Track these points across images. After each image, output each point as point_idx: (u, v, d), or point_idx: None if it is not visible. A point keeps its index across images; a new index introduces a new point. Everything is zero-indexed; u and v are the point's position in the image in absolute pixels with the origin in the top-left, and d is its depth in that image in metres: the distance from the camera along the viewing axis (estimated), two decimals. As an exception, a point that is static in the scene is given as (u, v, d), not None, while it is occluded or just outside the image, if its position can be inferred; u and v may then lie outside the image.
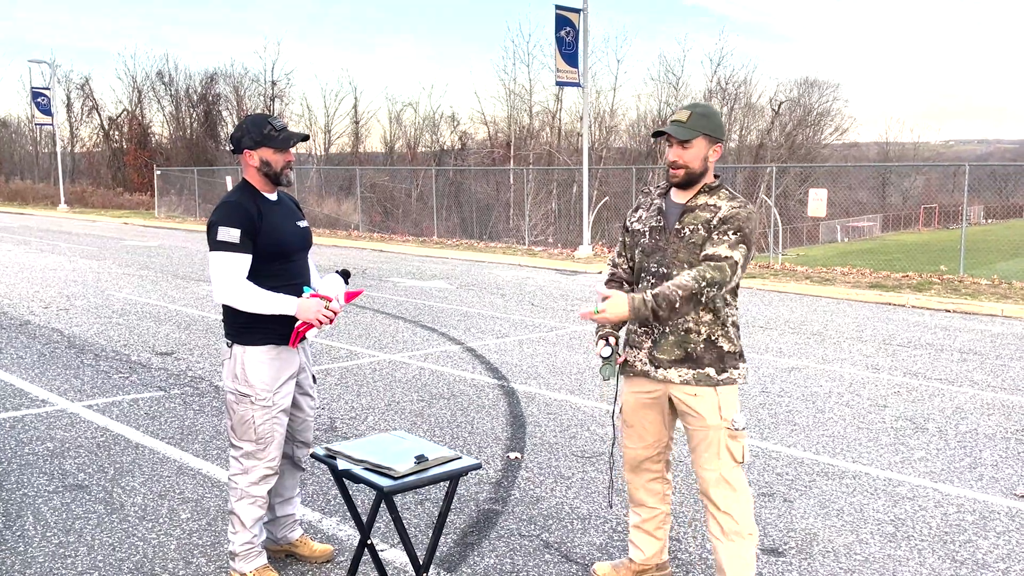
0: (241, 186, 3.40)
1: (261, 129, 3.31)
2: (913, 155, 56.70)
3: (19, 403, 6.16)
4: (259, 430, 3.34)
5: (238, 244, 3.23)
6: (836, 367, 7.66)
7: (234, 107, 48.67)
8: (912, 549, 3.94)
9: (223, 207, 3.30)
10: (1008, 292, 12.18)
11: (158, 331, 8.97)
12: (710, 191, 3.17)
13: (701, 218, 3.11)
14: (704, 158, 3.13)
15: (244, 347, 3.33)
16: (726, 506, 3.17)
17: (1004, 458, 5.21)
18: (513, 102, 41.08)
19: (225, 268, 3.24)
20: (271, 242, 3.31)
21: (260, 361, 3.33)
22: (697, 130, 3.10)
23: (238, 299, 3.25)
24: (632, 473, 3.44)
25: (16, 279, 13.12)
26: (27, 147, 55.20)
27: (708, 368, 3.14)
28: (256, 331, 3.32)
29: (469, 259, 17.79)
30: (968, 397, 6.66)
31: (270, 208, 3.37)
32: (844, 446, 5.39)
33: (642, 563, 3.50)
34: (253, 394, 3.33)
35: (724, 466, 3.16)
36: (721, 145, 3.16)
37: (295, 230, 3.45)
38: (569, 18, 17.34)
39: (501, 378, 7.08)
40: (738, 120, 46.64)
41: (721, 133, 3.15)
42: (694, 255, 3.10)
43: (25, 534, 3.95)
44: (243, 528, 3.41)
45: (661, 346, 3.17)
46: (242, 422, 3.36)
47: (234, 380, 3.35)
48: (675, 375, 3.16)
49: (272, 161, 3.33)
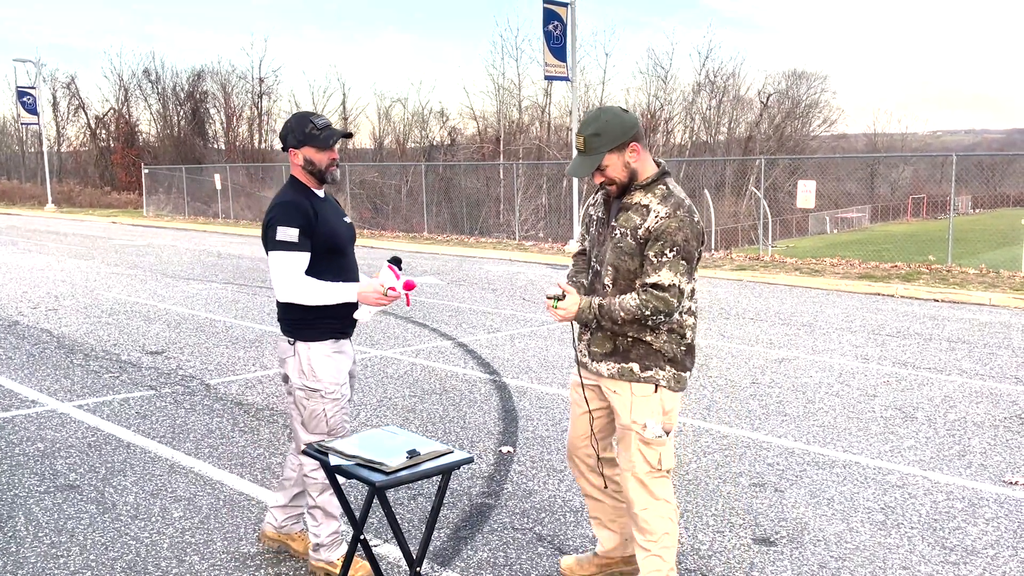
0: (292, 184, 3.44)
1: (303, 128, 3.34)
2: (901, 146, 56.94)
3: (9, 404, 6.13)
4: (331, 422, 3.44)
5: (297, 243, 3.28)
6: (826, 357, 7.70)
7: (221, 104, 48.47)
8: (902, 536, 3.97)
9: (279, 207, 3.33)
10: (996, 281, 12.26)
11: (148, 330, 8.94)
12: (645, 188, 3.07)
13: (632, 222, 3.03)
14: (624, 165, 3.03)
15: (308, 344, 3.39)
16: (639, 507, 3.15)
17: (992, 445, 5.25)
18: (502, 97, 41.10)
19: (286, 267, 3.30)
20: (327, 238, 3.37)
21: (325, 355, 3.41)
22: (598, 152, 3.00)
23: (302, 295, 3.31)
24: (569, 460, 3.46)
25: (4, 280, 13.04)
26: (13, 147, 54.81)
27: (632, 363, 3.11)
28: (318, 327, 3.39)
29: (460, 254, 17.78)
30: (957, 386, 6.71)
31: (321, 205, 3.42)
32: (834, 436, 5.42)
33: (605, 555, 3.49)
34: (323, 388, 3.40)
35: (638, 467, 3.13)
36: (634, 143, 3.01)
37: (345, 225, 3.52)
38: (557, 12, 17.32)
39: (493, 373, 7.09)
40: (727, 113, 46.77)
41: (625, 135, 2.99)
42: (620, 260, 3.05)
43: (17, 535, 3.94)
44: (328, 519, 3.50)
45: (595, 338, 3.19)
46: (313, 416, 3.43)
47: (301, 376, 3.41)
48: (604, 368, 3.17)
49: (316, 160, 3.37)
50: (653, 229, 2.98)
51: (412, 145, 45.03)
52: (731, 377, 6.96)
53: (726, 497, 4.42)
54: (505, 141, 39.29)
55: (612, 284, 3.10)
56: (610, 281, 3.10)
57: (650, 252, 2.99)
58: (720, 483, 4.61)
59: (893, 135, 59.54)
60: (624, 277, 3.07)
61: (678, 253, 2.97)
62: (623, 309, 2.98)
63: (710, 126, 46.35)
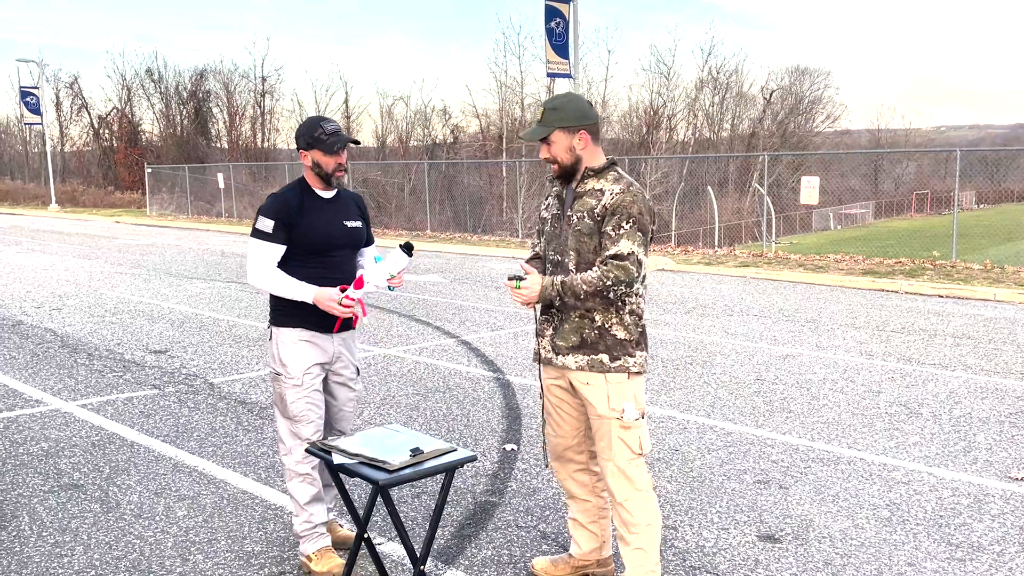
0: (297, 180, 3.61)
1: (312, 132, 3.50)
2: (904, 142, 56.80)
3: (13, 403, 6.14)
4: (291, 408, 3.52)
5: (270, 234, 3.46)
6: (830, 354, 7.68)
7: (224, 104, 48.52)
8: (908, 533, 3.95)
9: (269, 198, 3.54)
10: (1000, 276, 12.22)
11: (151, 329, 8.94)
12: (596, 174, 3.16)
13: (587, 205, 3.11)
14: (569, 148, 3.13)
15: (280, 329, 3.55)
16: (622, 497, 3.16)
17: (998, 441, 5.23)
18: (504, 94, 41.07)
19: (254, 254, 3.49)
20: (306, 236, 3.49)
21: (292, 342, 3.52)
22: (550, 126, 3.12)
23: (262, 282, 3.49)
24: (557, 462, 3.45)
25: (8, 279, 13.06)
26: (16, 147, 54.93)
27: (602, 355, 3.13)
28: (291, 315, 3.52)
29: (463, 252, 17.78)
30: (962, 382, 6.69)
31: (317, 204, 3.54)
32: (839, 432, 5.41)
33: (581, 558, 3.48)
34: (284, 373, 3.53)
35: (618, 457, 3.15)
36: (584, 131, 3.11)
37: (341, 228, 3.59)
38: (559, 9, 17.29)
39: (496, 371, 7.09)
40: (730, 109, 46.73)
41: (579, 120, 3.11)
42: (581, 243, 3.12)
43: (21, 534, 3.94)
44: (299, 509, 3.56)
45: (560, 333, 3.20)
46: (279, 399, 3.57)
47: (271, 359, 3.59)
48: (572, 361, 3.18)
49: (322, 163, 3.51)
50: (609, 205, 3.07)
51: (415, 143, 45.05)
52: (735, 374, 6.94)
53: (730, 494, 4.41)
54: (508, 139, 39.25)
55: (576, 268, 3.14)
56: (573, 265, 3.15)
57: (607, 227, 3.06)
58: (724, 480, 4.60)
59: (897, 131, 59.43)
60: (586, 259, 3.12)
61: (634, 224, 3.04)
62: (585, 282, 3.03)
63: (713, 123, 46.32)
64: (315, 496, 3.54)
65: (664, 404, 6.04)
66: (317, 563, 3.51)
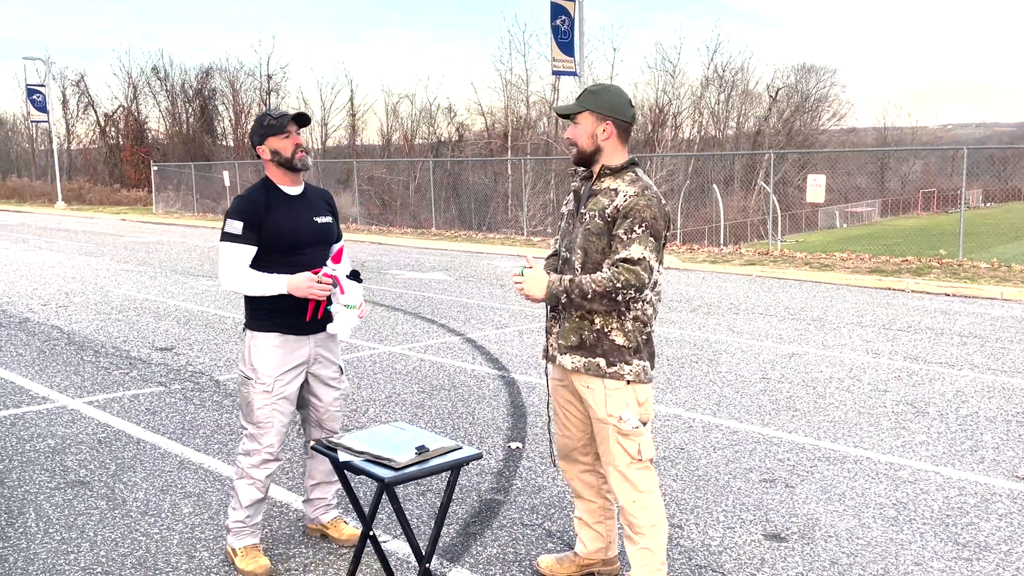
0: (260, 181, 3.59)
1: (261, 123, 3.51)
2: (911, 140, 56.66)
3: (19, 400, 6.16)
4: (257, 414, 3.48)
5: (240, 236, 3.41)
6: (836, 352, 7.66)
7: (230, 101, 48.56)
8: (914, 532, 3.94)
9: (235, 201, 3.50)
10: (1007, 275, 12.18)
11: (158, 327, 8.96)
12: (614, 173, 3.11)
13: (600, 204, 3.06)
14: (592, 135, 3.08)
15: (254, 332, 3.51)
16: (624, 500, 3.15)
17: (1005, 440, 5.21)
18: (510, 92, 41.01)
19: (226, 257, 3.44)
20: (275, 234, 3.45)
21: (265, 347, 3.48)
22: (581, 106, 3.08)
23: (237, 285, 3.44)
24: (564, 462, 3.43)
25: (14, 277, 13.10)
26: (23, 145, 55.07)
27: (599, 358, 3.09)
28: (264, 319, 3.48)
29: (468, 250, 17.77)
30: (968, 380, 6.66)
31: (284, 201, 3.51)
32: (845, 431, 5.39)
33: (586, 556, 3.47)
34: (255, 378, 3.47)
35: (618, 461, 3.13)
36: (611, 123, 3.06)
37: (311, 225, 3.55)
38: (564, 7, 17.27)
39: (502, 368, 7.08)
40: (736, 107, 46.61)
41: (611, 111, 3.06)
42: (589, 242, 3.07)
43: (28, 531, 3.95)
44: (240, 506, 3.54)
45: (562, 332, 3.18)
46: (245, 403, 3.52)
47: (242, 362, 3.54)
48: (569, 362, 3.15)
49: (280, 148, 3.47)
50: (621, 207, 3.01)
51: (420, 141, 45.02)
52: (741, 372, 6.93)
53: (736, 493, 4.40)
54: (513, 137, 39.23)
55: (581, 267, 3.10)
56: (579, 264, 3.11)
57: (619, 230, 3.00)
58: (730, 479, 4.59)
59: (903, 129, 59.26)
60: (592, 259, 3.07)
61: (647, 229, 2.99)
62: (594, 282, 2.97)
63: (719, 121, 46.21)
64: (258, 501, 3.54)
65: (669, 402, 6.04)
66: (243, 560, 3.51)
